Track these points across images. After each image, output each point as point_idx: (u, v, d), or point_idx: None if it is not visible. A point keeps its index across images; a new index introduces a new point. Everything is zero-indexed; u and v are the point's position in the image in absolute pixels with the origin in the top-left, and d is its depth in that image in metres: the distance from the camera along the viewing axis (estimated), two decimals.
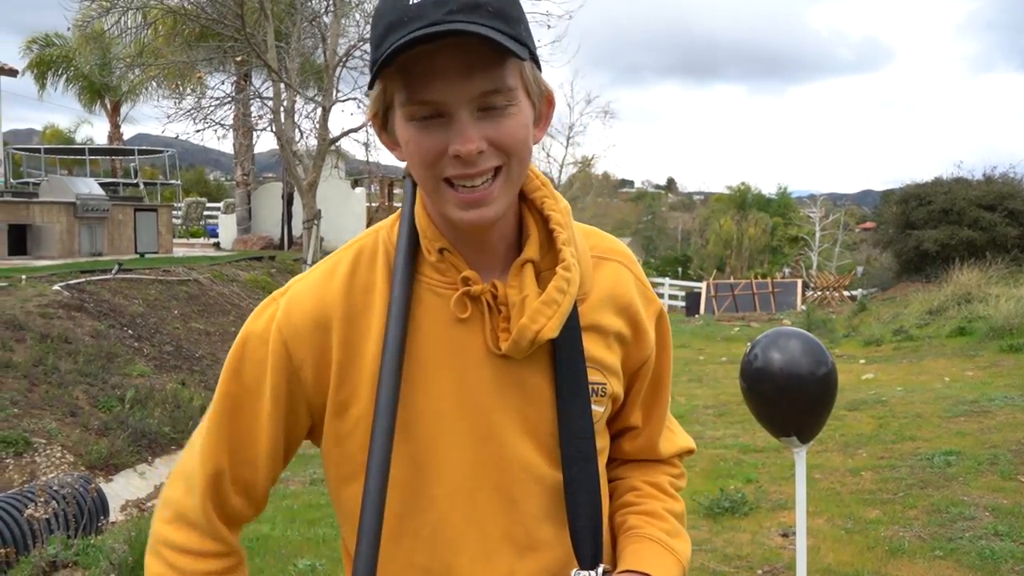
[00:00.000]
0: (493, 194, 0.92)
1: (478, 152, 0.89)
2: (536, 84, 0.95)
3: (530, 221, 1.01)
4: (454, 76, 0.88)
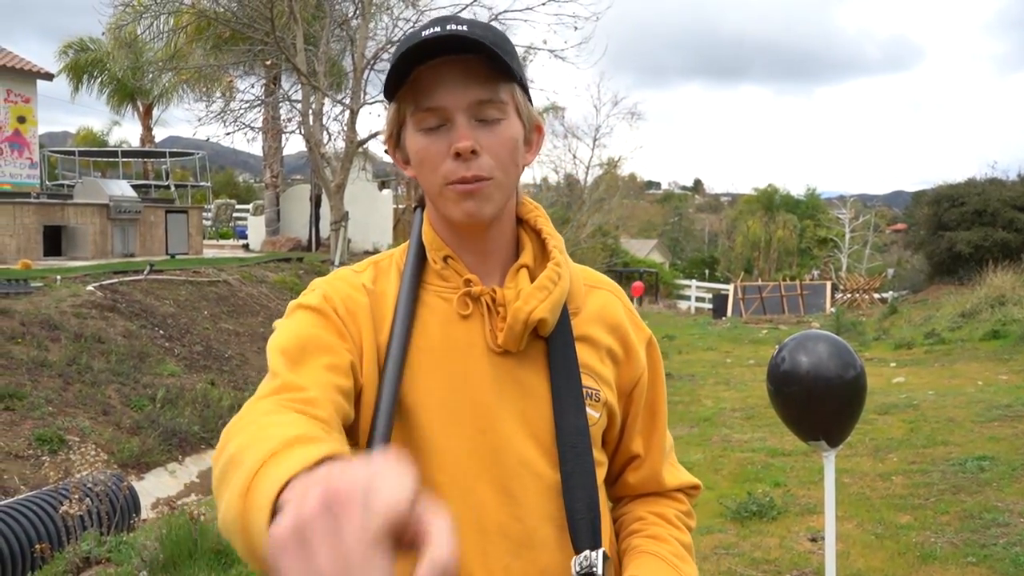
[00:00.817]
0: (483, 189, 1.00)
1: (472, 151, 0.99)
2: (527, 110, 1.06)
3: (526, 237, 1.11)
4: (454, 84, 0.99)
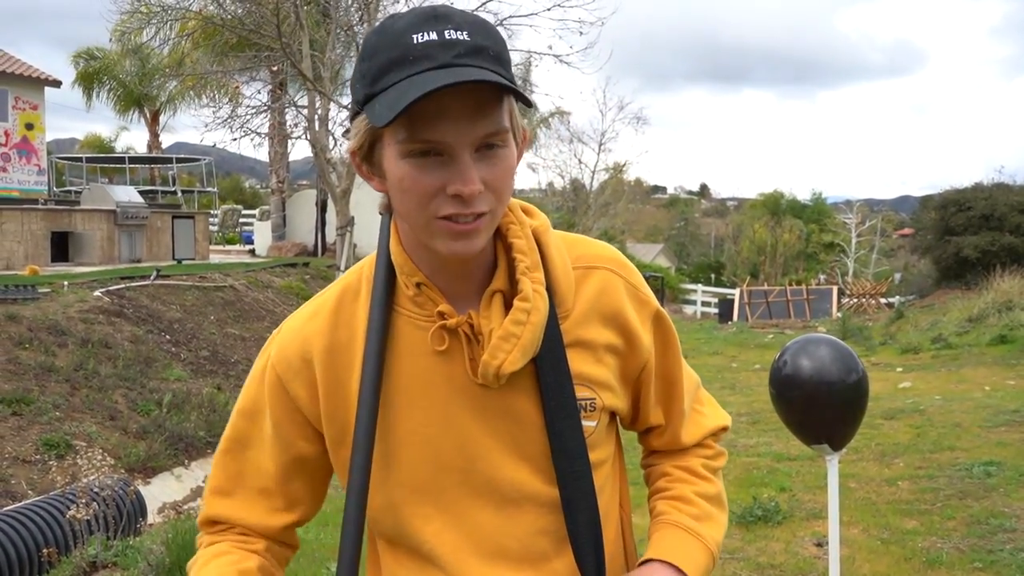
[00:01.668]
0: (480, 228, 0.93)
1: (478, 193, 0.90)
2: (519, 124, 0.97)
3: (500, 250, 1.01)
4: (460, 118, 0.88)
